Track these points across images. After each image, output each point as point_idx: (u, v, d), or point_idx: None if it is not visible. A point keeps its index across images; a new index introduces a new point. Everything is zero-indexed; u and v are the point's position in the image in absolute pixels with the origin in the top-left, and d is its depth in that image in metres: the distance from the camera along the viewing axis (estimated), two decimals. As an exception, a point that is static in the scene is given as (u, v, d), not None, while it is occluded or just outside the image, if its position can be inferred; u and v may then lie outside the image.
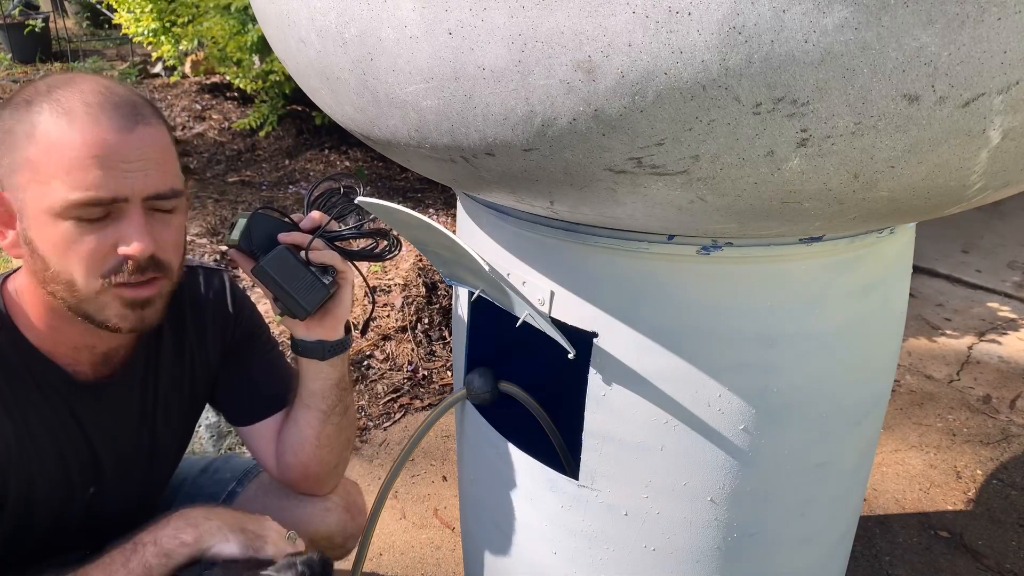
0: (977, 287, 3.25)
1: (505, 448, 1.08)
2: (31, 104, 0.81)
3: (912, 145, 0.58)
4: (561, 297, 0.92)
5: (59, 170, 0.79)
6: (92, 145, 0.80)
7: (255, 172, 3.90)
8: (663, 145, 0.61)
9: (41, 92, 0.82)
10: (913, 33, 0.50)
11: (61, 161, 0.79)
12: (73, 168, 0.79)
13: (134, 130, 0.83)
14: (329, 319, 1.03)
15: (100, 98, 0.81)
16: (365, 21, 0.66)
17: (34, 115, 0.80)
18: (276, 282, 0.96)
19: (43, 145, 0.79)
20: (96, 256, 0.83)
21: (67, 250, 0.82)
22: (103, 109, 0.81)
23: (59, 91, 0.81)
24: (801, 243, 0.82)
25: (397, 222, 0.95)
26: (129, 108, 0.83)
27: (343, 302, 1.03)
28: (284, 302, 0.98)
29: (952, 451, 2.16)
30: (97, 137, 0.80)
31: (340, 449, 1.13)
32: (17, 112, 0.81)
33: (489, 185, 0.80)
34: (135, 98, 0.86)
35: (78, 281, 0.84)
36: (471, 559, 1.34)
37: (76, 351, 0.93)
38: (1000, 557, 1.78)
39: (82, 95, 0.81)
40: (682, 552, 0.97)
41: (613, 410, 0.92)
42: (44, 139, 0.79)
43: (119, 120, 0.82)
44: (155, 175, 0.84)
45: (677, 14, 0.52)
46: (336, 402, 1.09)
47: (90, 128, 0.80)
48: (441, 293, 2.74)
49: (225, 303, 1.11)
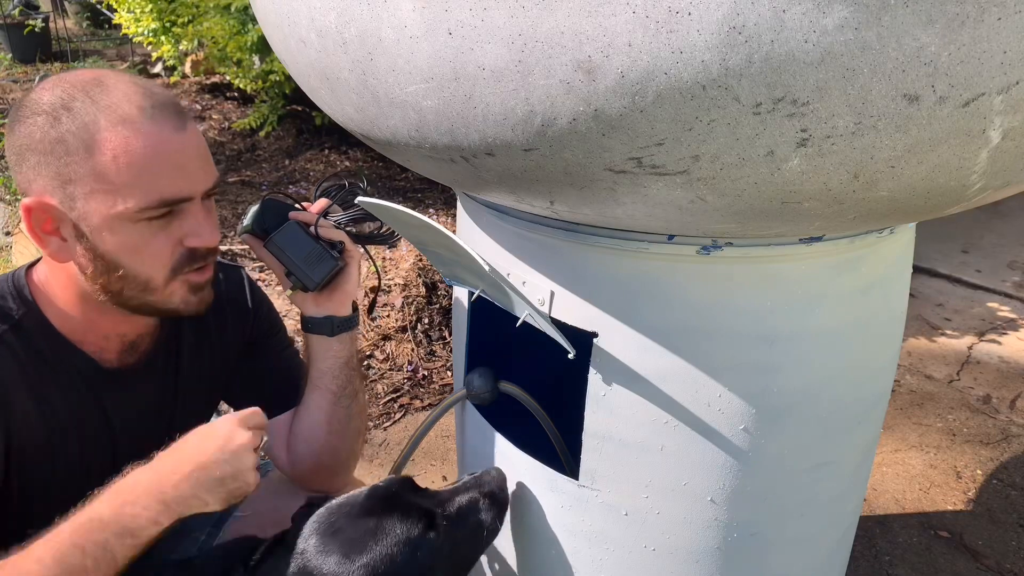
0: (977, 287, 3.25)
1: (505, 448, 1.08)
2: (74, 112, 0.81)
3: (912, 145, 0.58)
4: (561, 297, 0.92)
5: (129, 176, 0.82)
6: (159, 150, 0.83)
7: (255, 172, 3.90)
8: (663, 145, 0.61)
9: (78, 98, 0.81)
10: (913, 33, 0.50)
11: (131, 168, 0.82)
12: (144, 173, 0.82)
13: (186, 128, 0.86)
14: (337, 294, 1.08)
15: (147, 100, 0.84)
16: (365, 21, 0.66)
17: (88, 124, 0.81)
18: (286, 254, 1.02)
19: (109, 154, 0.81)
20: (169, 253, 0.88)
21: (142, 251, 0.86)
22: (155, 111, 0.84)
23: (102, 96, 0.82)
24: (801, 243, 0.82)
25: (397, 222, 0.95)
26: (174, 107, 0.86)
27: (351, 278, 1.08)
28: (295, 273, 1.03)
29: (952, 451, 2.16)
30: (161, 141, 0.83)
31: (351, 439, 1.14)
32: (61, 122, 0.81)
33: (489, 185, 0.80)
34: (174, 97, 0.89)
35: (154, 278, 0.88)
36: (471, 559, 1.34)
37: (106, 339, 0.94)
38: (1000, 557, 1.78)
39: (129, 99, 0.83)
40: (682, 552, 0.97)
41: (613, 410, 0.92)
42: (108, 148, 0.81)
43: (173, 120, 0.85)
44: (209, 169, 0.90)
45: (677, 14, 0.52)
46: (346, 383, 1.11)
47: (153, 133, 0.83)
48: (441, 293, 2.74)
49: (245, 299, 1.13)
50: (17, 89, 5.31)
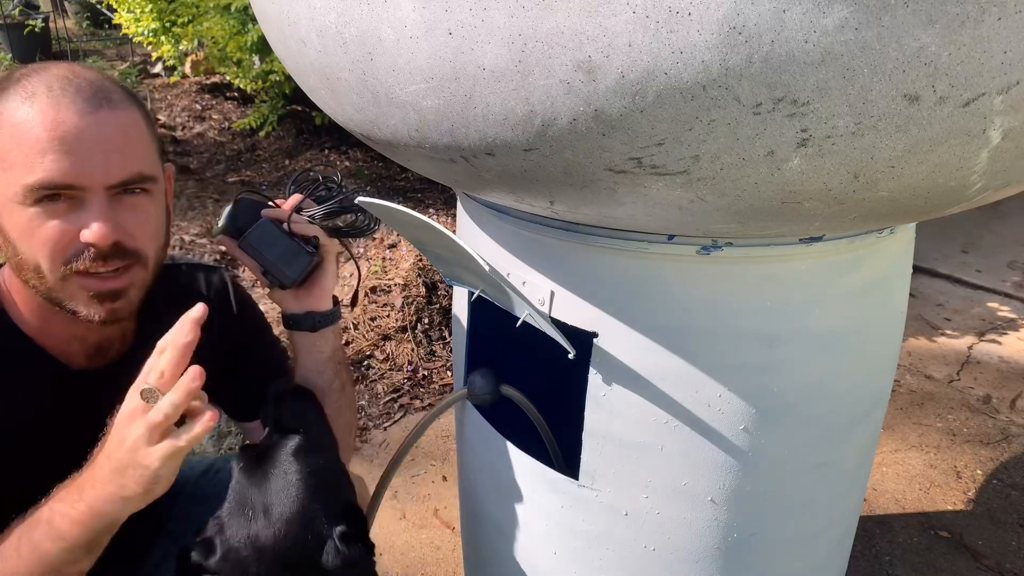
0: (977, 287, 3.25)
1: (505, 448, 1.08)
2: (2, 89, 0.81)
3: (912, 145, 0.58)
4: (561, 297, 0.92)
5: (20, 154, 0.79)
6: (49, 128, 0.79)
7: (255, 172, 3.90)
8: (663, 145, 0.61)
9: (13, 79, 0.81)
10: (913, 33, 0.50)
11: (21, 145, 0.79)
12: (31, 151, 0.79)
13: (96, 113, 0.81)
14: (316, 290, 1.07)
15: (64, 82, 0.81)
16: (365, 21, 0.66)
17: (2, 102, 0.80)
18: (261, 253, 1.01)
19: (6, 130, 0.79)
20: (59, 242, 0.82)
21: (32, 236, 0.82)
22: (65, 92, 0.80)
23: (28, 78, 0.81)
24: (801, 243, 0.82)
25: (397, 222, 0.95)
26: (93, 92, 0.82)
27: (328, 272, 1.07)
28: (271, 271, 1.02)
29: (952, 451, 2.16)
30: (55, 120, 0.79)
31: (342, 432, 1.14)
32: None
33: (489, 185, 0.80)
34: (105, 83, 0.85)
35: (43, 266, 0.83)
36: (471, 559, 1.34)
37: (67, 342, 0.92)
38: (1000, 557, 1.78)
39: (47, 80, 0.81)
40: (682, 552, 0.97)
41: (613, 410, 0.92)
42: (8, 124, 0.79)
43: (81, 103, 0.81)
44: (117, 160, 0.83)
45: (677, 14, 0.52)
46: (332, 377, 1.10)
47: (49, 111, 0.79)
48: (441, 293, 2.74)
49: (228, 302, 1.11)
50: None
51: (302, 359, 1.09)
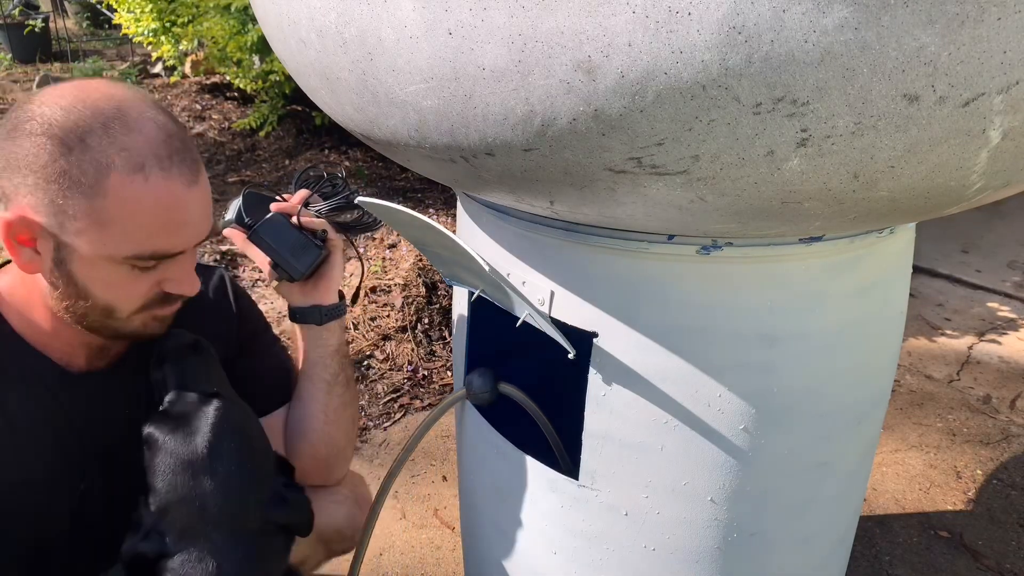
0: (977, 287, 3.25)
1: (505, 448, 1.08)
2: (89, 147, 0.77)
3: (912, 145, 0.58)
4: (561, 297, 0.92)
5: (129, 224, 0.80)
6: (166, 206, 0.81)
7: (255, 172, 3.90)
8: (663, 145, 0.61)
9: (96, 131, 0.77)
10: (913, 33, 0.50)
11: (133, 217, 0.79)
12: (145, 226, 0.81)
13: (198, 182, 0.84)
14: (323, 283, 1.09)
15: (165, 148, 0.80)
16: (365, 21, 0.66)
17: (101, 165, 0.77)
18: (270, 245, 1.03)
19: (114, 200, 0.78)
20: (144, 293, 0.87)
21: (118, 288, 0.85)
22: (172, 161, 0.81)
23: (121, 135, 0.78)
24: (801, 243, 0.82)
25: (397, 222, 0.95)
26: (190, 156, 0.83)
27: (335, 266, 1.09)
28: (280, 264, 1.04)
29: (952, 451, 2.16)
30: (170, 197, 0.81)
31: (347, 427, 1.15)
32: (72, 153, 0.76)
33: (489, 185, 0.80)
34: (186, 135, 0.85)
35: (119, 309, 0.86)
36: (471, 559, 1.34)
37: (72, 348, 0.93)
38: (1000, 557, 1.78)
39: (148, 143, 0.79)
40: (682, 552, 0.97)
41: (613, 410, 0.92)
42: (115, 194, 0.78)
43: (187, 174, 0.82)
44: (208, 222, 0.89)
45: (677, 14, 0.52)
46: (338, 371, 1.12)
47: (163, 188, 0.80)
48: (441, 293, 2.74)
49: (228, 302, 1.12)
50: (17, 89, 5.31)
51: (309, 353, 1.11)
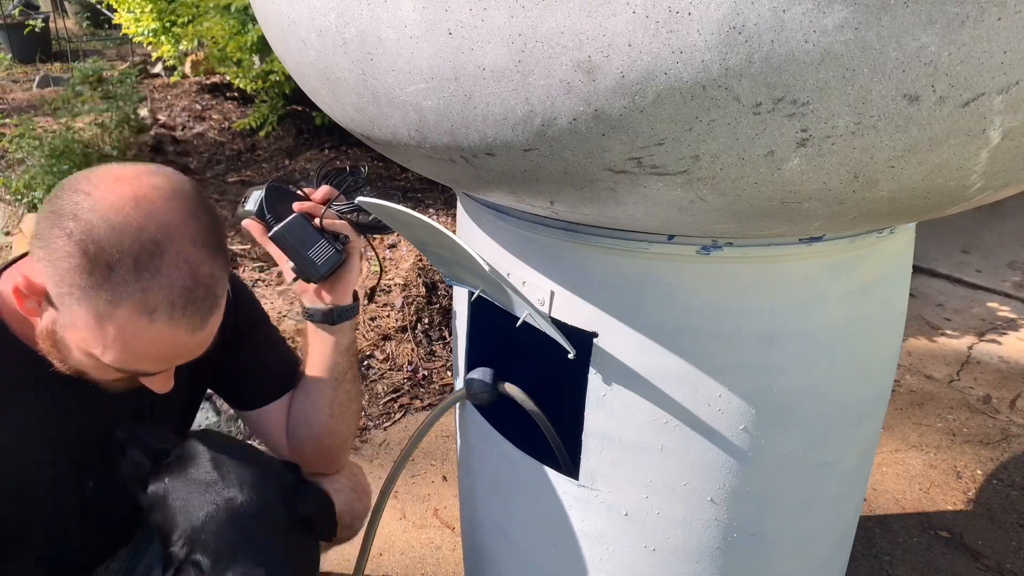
0: (977, 287, 3.25)
1: (505, 448, 1.07)
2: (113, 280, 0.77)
3: (912, 145, 0.58)
4: (561, 297, 0.92)
5: (122, 349, 0.81)
6: (162, 346, 0.83)
7: (255, 172, 3.90)
8: (663, 145, 0.61)
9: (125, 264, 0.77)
10: (913, 33, 0.50)
11: (127, 346, 0.81)
12: (136, 354, 0.82)
13: (204, 328, 0.84)
14: (340, 284, 1.09)
15: (183, 296, 0.80)
16: (365, 21, 0.66)
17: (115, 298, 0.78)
18: (292, 247, 1.03)
19: (115, 328, 0.80)
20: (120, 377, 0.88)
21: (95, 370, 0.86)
22: (185, 311, 0.81)
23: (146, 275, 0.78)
24: (801, 243, 0.82)
25: (397, 222, 0.95)
26: (208, 300, 0.83)
27: (353, 268, 1.09)
28: (299, 266, 1.04)
29: (952, 451, 2.16)
30: (171, 342, 0.82)
31: (351, 419, 1.16)
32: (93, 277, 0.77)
33: (489, 185, 0.80)
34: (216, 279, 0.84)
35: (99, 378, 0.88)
36: (471, 559, 1.34)
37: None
38: (1000, 557, 1.78)
39: (169, 289, 0.79)
40: (682, 552, 0.97)
41: (613, 410, 0.92)
42: (118, 325, 0.79)
43: (196, 322, 0.82)
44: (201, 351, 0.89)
45: (677, 14, 0.52)
46: (347, 368, 1.13)
47: (166, 332, 0.81)
48: (441, 293, 2.74)
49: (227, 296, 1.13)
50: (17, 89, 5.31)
51: (320, 350, 1.11)
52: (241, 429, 2.24)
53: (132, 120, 3.78)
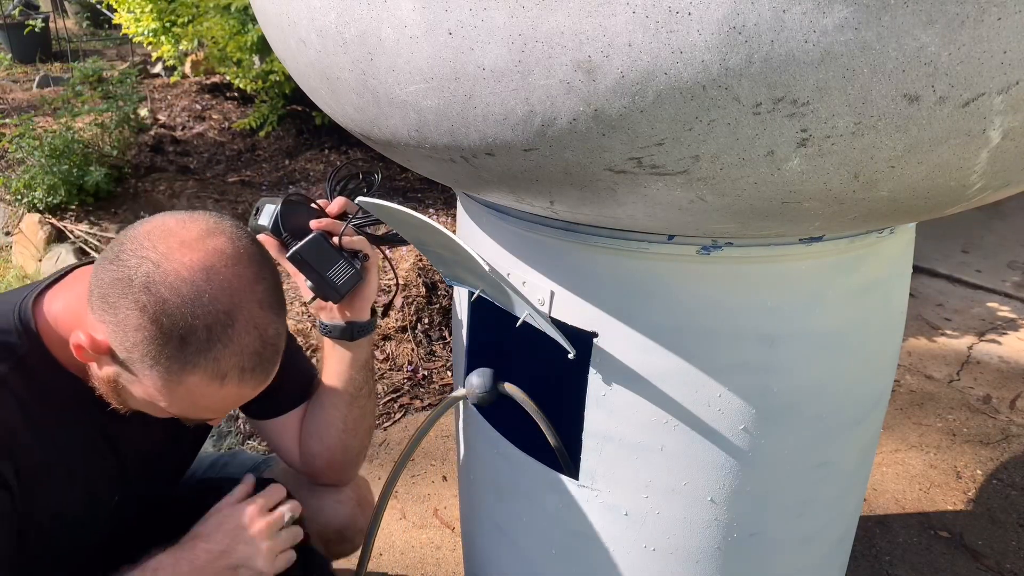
0: (977, 287, 3.25)
1: (505, 448, 1.07)
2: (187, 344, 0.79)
3: (912, 145, 0.58)
4: (561, 297, 0.92)
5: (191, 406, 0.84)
6: (230, 403, 0.86)
7: (255, 172, 3.90)
8: (663, 145, 0.61)
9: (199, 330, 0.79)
10: (913, 33, 0.50)
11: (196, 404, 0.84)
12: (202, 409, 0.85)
13: (268, 381, 0.87)
14: (358, 301, 1.08)
15: (253, 360, 0.82)
16: (365, 21, 0.66)
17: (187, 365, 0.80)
18: (313, 268, 1.01)
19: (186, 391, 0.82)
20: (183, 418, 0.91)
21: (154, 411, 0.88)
22: (254, 373, 0.83)
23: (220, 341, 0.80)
24: (801, 243, 0.82)
25: (397, 222, 0.95)
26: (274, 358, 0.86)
27: (371, 284, 1.08)
28: (319, 287, 1.02)
29: (952, 451, 2.16)
30: (237, 398, 0.85)
31: (363, 435, 1.16)
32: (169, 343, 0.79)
33: (489, 185, 0.80)
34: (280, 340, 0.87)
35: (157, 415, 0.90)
36: (471, 559, 1.34)
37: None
38: (1000, 557, 1.78)
39: (240, 355, 0.81)
40: (682, 552, 0.97)
41: (613, 410, 0.92)
42: (189, 389, 0.82)
43: (262, 379, 0.85)
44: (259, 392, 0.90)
45: (677, 14, 0.52)
46: (363, 384, 1.12)
47: (235, 392, 0.84)
48: (441, 293, 2.74)
49: None
50: (17, 89, 5.31)
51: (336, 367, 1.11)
52: (241, 428, 2.24)
53: (132, 120, 3.78)
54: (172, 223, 0.83)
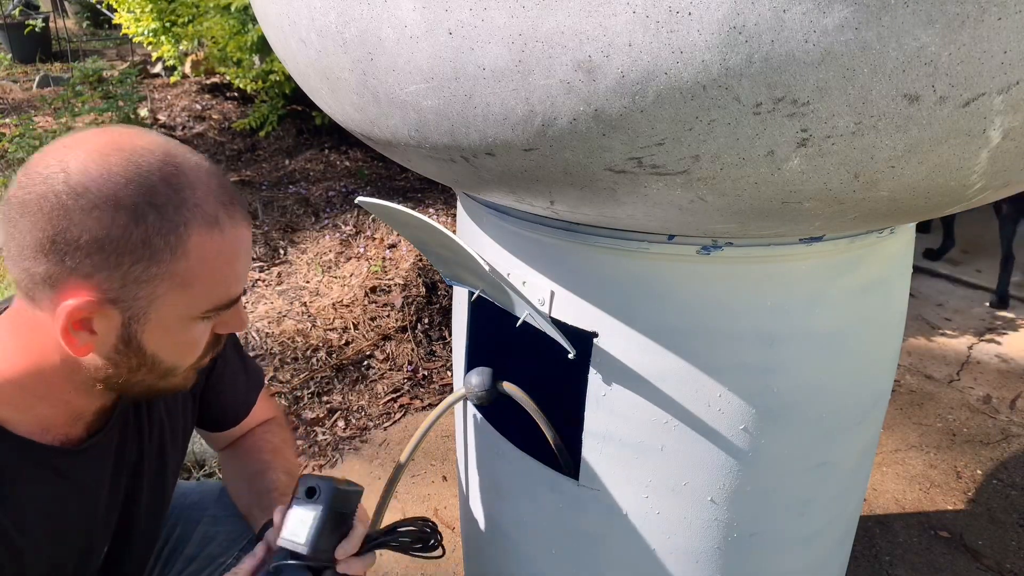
0: (977, 287, 3.24)
1: (505, 448, 1.07)
2: (163, 211, 0.72)
3: (912, 145, 0.58)
4: (561, 297, 0.92)
5: (209, 279, 0.77)
6: (238, 252, 0.79)
7: (255, 172, 3.90)
8: (663, 145, 0.61)
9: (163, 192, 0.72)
10: (913, 33, 0.50)
11: (214, 271, 0.77)
12: (224, 276, 0.78)
13: (247, 220, 0.82)
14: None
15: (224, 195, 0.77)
16: (365, 21, 0.66)
17: (179, 226, 0.73)
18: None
19: (195, 258, 0.75)
20: (206, 344, 0.83)
21: (187, 346, 0.81)
22: (234, 206, 0.79)
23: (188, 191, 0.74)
24: (801, 243, 0.82)
25: (397, 222, 0.95)
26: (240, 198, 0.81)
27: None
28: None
29: (952, 451, 2.16)
30: (238, 242, 0.79)
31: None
32: (147, 221, 0.71)
33: (489, 185, 0.80)
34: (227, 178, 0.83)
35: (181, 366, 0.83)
36: (471, 559, 1.34)
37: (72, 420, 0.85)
38: (1000, 557, 1.78)
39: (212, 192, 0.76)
40: (682, 552, 0.97)
41: (613, 410, 0.92)
42: (196, 252, 0.74)
43: (243, 215, 0.80)
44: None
45: (677, 14, 0.52)
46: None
47: (232, 235, 0.78)
48: (441, 293, 2.74)
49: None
50: (17, 89, 5.31)
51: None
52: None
53: (132, 120, 3.78)
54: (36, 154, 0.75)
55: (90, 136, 0.74)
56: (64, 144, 0.73)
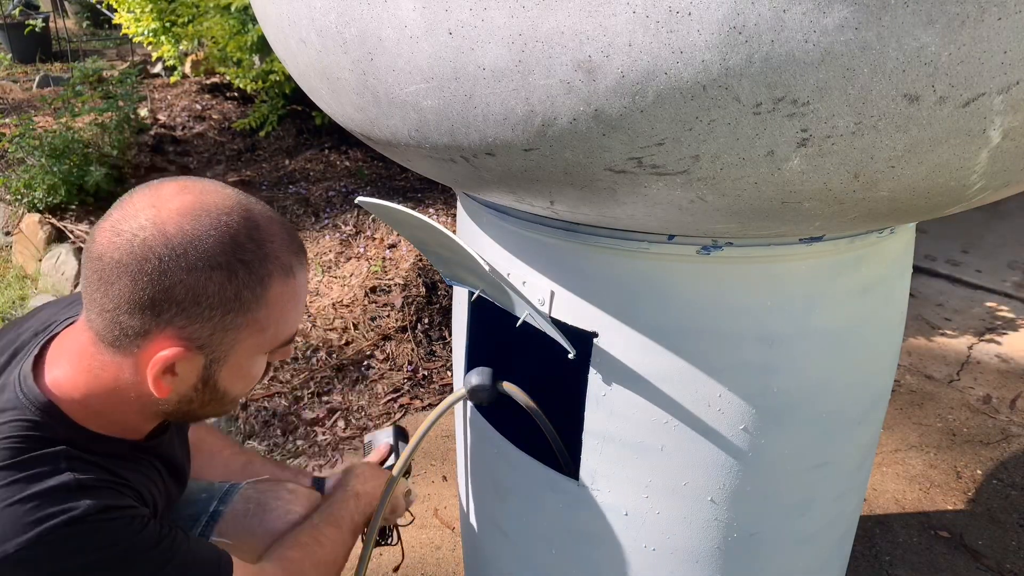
0: (977, 287, 3.25)
1: (505, 448, 1.07)
2: (250, 265, 0.78)
3: (912, 145, 0.58)
4: (561, 297, 0.92)
5: (282, 321, 0.84)
6: (303, 295, 0.87)
7: (255, 172, 3.90)
8: (663, 145, 0.61)
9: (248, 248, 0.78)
10: (913, 33, 0.50)
11: (284, 314, 0.84)
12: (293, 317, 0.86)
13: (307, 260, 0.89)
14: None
15: (293, 243, 0.84)
16: (365, 21, 0.66)
17: (264, 279, 0.80)
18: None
19: (274, 304, 0.81)
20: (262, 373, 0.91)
21: (252, 379, 0.88)
22: (302, 253, 0.86)
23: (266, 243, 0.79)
24: (801, 243, 0.82)
25: (397, 222, 0.95)
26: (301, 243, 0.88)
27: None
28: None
29: (952, 451, 2.16)
30: (305, 287, 0.87)
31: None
32: (237, 276, 0.77)
33: (489, 185, 0.80)
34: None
35: (241, 397, 0.90)
36: (471, 559, 1.34)
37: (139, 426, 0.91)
38: (1000, 557, 1.78)
39: (284, 245, 0.82)
40: (682, 552, 0.97)
41: (613, 410, 0.92)
42: (276, 300, 0.81)
43: (305, 256, 0.87)
44: None
45: (677, 14, 0.52)
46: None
47: (302, 277, 0.85)
48: (441, 293, 2.74)
49: None
50: (17, 89, 5.31)
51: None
52: (240, 429, 2.24)
53: (132, 120, 3.78)
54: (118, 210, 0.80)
55: (174, 194, 0.78)
56: (150, 203, 0.77)
